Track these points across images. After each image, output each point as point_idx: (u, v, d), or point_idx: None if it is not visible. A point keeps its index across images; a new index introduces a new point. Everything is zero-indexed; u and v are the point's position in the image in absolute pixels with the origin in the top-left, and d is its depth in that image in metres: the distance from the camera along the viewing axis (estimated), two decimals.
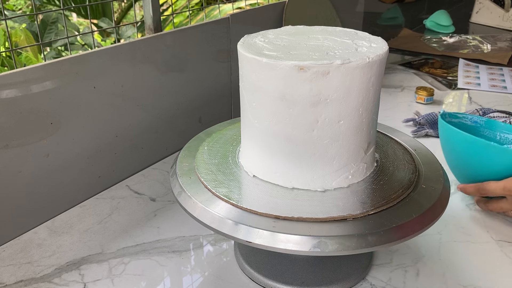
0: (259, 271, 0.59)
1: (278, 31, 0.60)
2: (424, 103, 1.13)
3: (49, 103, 0.68)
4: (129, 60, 0.78)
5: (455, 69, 1.39)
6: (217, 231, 0.49)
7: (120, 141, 0.80)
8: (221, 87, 0.99)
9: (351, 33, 0.59)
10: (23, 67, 0.65)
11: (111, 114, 0.77)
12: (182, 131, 0.91)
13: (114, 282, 0.59)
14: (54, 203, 0.72)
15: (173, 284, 0.60)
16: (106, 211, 0.73)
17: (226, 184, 0.54)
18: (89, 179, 0.76)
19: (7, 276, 0.60)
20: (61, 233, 0.68)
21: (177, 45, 0.86)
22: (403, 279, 0.59)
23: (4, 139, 0.63)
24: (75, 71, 0.70)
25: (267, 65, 0.49)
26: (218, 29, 0.94)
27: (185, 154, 0.62)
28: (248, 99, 0.54)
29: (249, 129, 0.56)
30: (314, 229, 0.47)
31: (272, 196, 0.52)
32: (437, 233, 0.68)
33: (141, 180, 0.82)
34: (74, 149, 0.73)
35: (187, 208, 0.53)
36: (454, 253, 0.64)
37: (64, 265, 0.62)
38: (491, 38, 1.70)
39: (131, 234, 0.68)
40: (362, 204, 0.51)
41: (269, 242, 0.47)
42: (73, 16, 2.62)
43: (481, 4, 1.93)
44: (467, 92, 1.23)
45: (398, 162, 0.59)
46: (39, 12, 2.05)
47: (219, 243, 0.66)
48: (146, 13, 0.85)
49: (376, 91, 0.53)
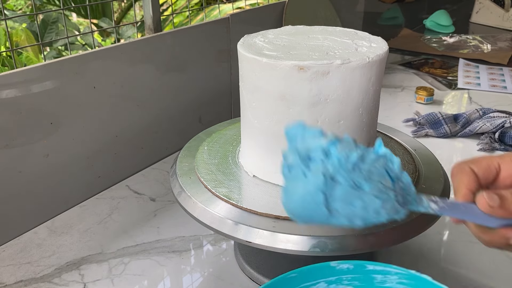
0: (259, 271, 0.59)
1: (278, 31, 0.60)
2: (424, 103, 1.13)
3: (49, 103, 0.68)
4: (129, 60, 0.78)
5: (455, 69, 1.39)
6: (217, 231, 0.49)
7: (120, 141, 0.80)
8: (221, 87, 0.99)
9: (351, 33, 0.59)
10: (23, 67, 0.65)
11: (111, 114, 0.77)
12: (182, 131, 0.91)
13: (114, 282, 0.59)
14: (54, 203, 0.72)
15: (173, 284, 0.60)
16: (106, 211, 0.73)
17: (226, 184, 0.54)
18: (89, 179, 0.76)
19: (7, 276, 0.60)
20: (61, 233, 0.68)
21: (177, 45, 0.86)
22: None
23: (4, 139, 0.63)
24: (75, 71, 0.70)
25: (267, 65, 0.49)
26: (218, 29, 0.94)
27: (185, 154, 0.62)
28: (248, 99, 0.54)
29: (249, 129, 0.55)
30: (314, 229, 0.47)
31: (272, 196, 0.52)
32: (437, 233, 0.68)
33: (141, 180, 0.82)
34: (74, 149, 0.73)
35: (187, 208, 0.53)
36: (454, 253, 0.64)
37: (64, 265, 0.62)
38: (491, 38, 1.70)
39: (131, 234, 0.68)
40: None
41: (269, 242, 0.47)
42: (73, 16, 2.62)
43: (481, 4, 1.93)
44: (467, 92, 1.23)
45: None
46: (39, 12, 2.05)
47: (219, 243, 0.66)
48: (146, 13, 0.85)
49: (376, 91, 0.53)
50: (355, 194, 0.35)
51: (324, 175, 0.35)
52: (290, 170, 0.37)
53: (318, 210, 0.36)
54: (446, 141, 0.96)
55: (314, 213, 0.36)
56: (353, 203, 0.36)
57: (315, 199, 0.36)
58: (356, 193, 0.35)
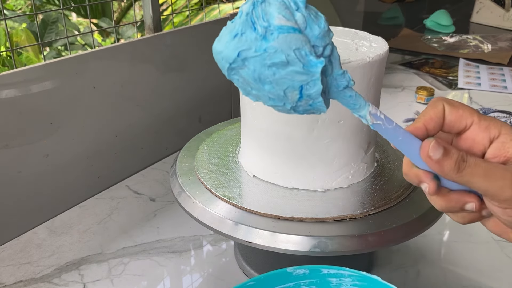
0: (259, 271, 0.59)
1: None
2: (425, 103, 1.13)
3: (49, 103, 0.68)
4: (129, 60, 0.78)
5: (456, 69, 1.39)
6: (217, 231, 0.49)
7: (119, 141, 0.80)
8: (221, 87, 0.98)
9: (351, 32, 0.59)
10: (23, 67, 0.65)
11: (110, 114, 0.77)
12: (182, 131, 0.91)
13: (114, 282, 0.59)
14: (54, 203, 0.72)
15: (173, 284, 0.60)
16: (105, 211, 0.73)
17: (226, 184, 0.54)
18: (88, 179, 0.76)
19: (7, 277, 0.60)
20: (61, 233, 0.68)
21: (177, 45, 0.86)
22: (403, 280, 0.59)
23: (4, 139, 0.63)
24: (75, 71, 0.70)
25: None
26: (218, 29, 0.93)
27: (185, 154, 0.61)
28: (248, 99, 0.54)
29: (249, 129, 0.55)
30: (314, 229, 0.47)
31: (272, 196, 0.52)
32: (437, 233, 0.68)
33: (140, 180, 0.82)
34: (74, 149, 0.73)
35: (187, 208, 0.53)
36: (454, 253, 0.64)
37: (63, 265, 0.62)
38: (491, 38, 1.70)
39: (130, 234, 0.68)
40: (362, 204, 0.50)
41: (269, 242, 0.47)
42: (73, 16, 2.62)
43: (481, 4, 1.92)
44: (468, 92, 1.23)
45: (399, 162, 0.58)
46: (39, 12, 2.05)
47: (219, 243, 0.66)
48: (145, 12, 0.85)
49: (376, 91, 0.53)
50: (255, 83, 0.35)
51: (240, 52, 0.34)
52: (236, 19, 0.35)
53: (224, 69, 0.36)
54: None
55: (222, 68, 0.36)
56: (250, 87, 0.35)
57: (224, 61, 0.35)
58: (256, 83, 0.35)
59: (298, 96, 0.34)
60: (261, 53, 0.33)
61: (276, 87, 0.34)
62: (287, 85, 0.34)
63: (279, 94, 0.35)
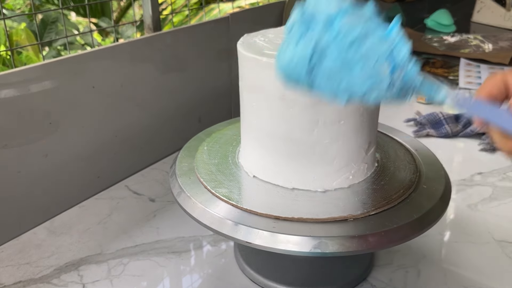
0: (259, 271, 0.58)
1: (278, 30, 0.60)
2: (425, 103, 1.13)
3: (48, 103, 0.67)
4: (129, 59, 0.78)
5: (456, 69, 1.38)
6: (216, 231, 0.49)
7: (119, 141, 0.80)
8: (221, 87, 0.98)
9: None
10: (23, 66, 0.65)
11: (110, 114, 0.77)
12: (182, 131, 0.91)
13: (113, 282, 0.59)
14: (53, 203, 0.72)
15: (173, 285, 0.60)
16: (105, 212, 0.73)
17: (226, 185, 0.54)
18: (88, 179, 0.76)
19: (6, 277, 0.60)
20: (60, 234, 0.68)
21: (176, 44, 0.85)
22: (404, 280, 0.59)
23: (3, 139, 0.63)
24: (74, 70, 0.70)
25: (267, 65, 0.49)
26: (218, 28, 0.94)
27: (185, 154, 0.61)
28: (248, 99, 0.54)
29: (249, 129, 0.55)
30: (314, 230, 0.47)
31: (272, 196, 0.52)
32: (438, 233, 0.67)
33: (140, 180, 0.82)
34: (73, 149, 0.72)
35: (186, 209, 0.52)
36: (455, 253, 0.64)
37: (63, 266, 0.62)
38: (492, 37, 1.69)
39: (130, 234, 0.68)
40: (362, 205, 0.50)
41: (269, 243, 0.46)
42: (72, 15, 2.62)
43: (482, 4, 1.92)
44: (469, 92, 1.23)
45: (399, 162, 0.58)
46: (38, 12, 2.04)
47: (218, 243, 0.66)
48: (145, 12, 0.85)
49: None
50: (342, 72, 0.33)
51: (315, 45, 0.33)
52: (290, 28, 0.35)
53: (301, 78, 0.35)
54: (447, 141, 0.96)
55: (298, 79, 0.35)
56: (338, 79, 0.34)
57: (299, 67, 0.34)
58: (343, 72, 0.33)
59: (390, 66, 0.33)
60: (336, 35, 0.33)
61: (365, 65, 0.33)
62: (375, 59, 0.33)
63: (371, 74, 0.33)
